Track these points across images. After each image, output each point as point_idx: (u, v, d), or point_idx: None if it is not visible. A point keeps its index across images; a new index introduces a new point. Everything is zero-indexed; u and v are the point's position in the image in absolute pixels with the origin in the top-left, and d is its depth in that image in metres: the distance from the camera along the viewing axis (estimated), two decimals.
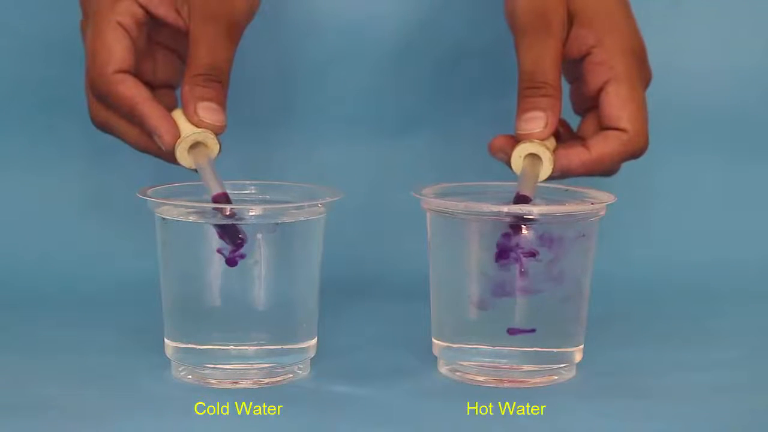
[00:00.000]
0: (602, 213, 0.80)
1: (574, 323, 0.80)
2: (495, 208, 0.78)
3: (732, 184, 1.07)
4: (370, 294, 1.00)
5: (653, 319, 0.95)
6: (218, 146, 0.81)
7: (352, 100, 1.05)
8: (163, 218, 0.79)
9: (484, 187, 0.85)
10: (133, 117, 0.81)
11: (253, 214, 0.77)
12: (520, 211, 0.78)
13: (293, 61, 1.04)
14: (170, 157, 0.81)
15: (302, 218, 0.79)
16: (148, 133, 0.81)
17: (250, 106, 1.03)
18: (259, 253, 0.78)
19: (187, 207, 0.79)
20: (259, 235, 0.78)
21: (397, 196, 0.93)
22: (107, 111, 0.83)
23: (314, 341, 0.81)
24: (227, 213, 0.77)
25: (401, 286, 1.00)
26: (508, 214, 0.77)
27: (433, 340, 0.82)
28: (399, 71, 1.05)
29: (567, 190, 0.84)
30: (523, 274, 0.78)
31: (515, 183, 0.81)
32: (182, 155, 0.80)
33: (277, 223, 0.78)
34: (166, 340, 0.81)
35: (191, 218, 0.78)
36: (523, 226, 0.77)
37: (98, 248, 1.03)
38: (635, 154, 0.84)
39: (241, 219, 0.77)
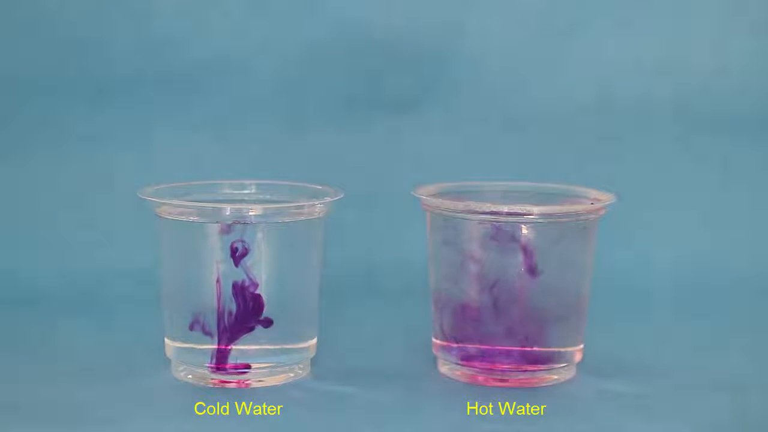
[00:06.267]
0: (602, 213, 0.80)
1: (573, 323, 0.80)
2: (495, 208, 0.78)
3: (732, 184, 1.07)
4: (370, 294, 1.00)
5: (653, 319, 0.95)
6: None
7: (351, 97, 1.05)
8: (163, 218, 0.79)
9: (484, 187, 0.85)
10: None
11: (253, 213, 0.77)
12: (520, 211, 0.78)
13: (292, 57, 1.04)
14: None
15: (302, 218, 0.79)
16: None
17: (249, 104, 1.03)
18: (259, 253, 0.78)
19: (187, 207, 0.79)
20: (260, 235, 0.78)
21: (397, 195, 0.93)
22: None
23: (314, 341, 0.81)
24: (228, 213, 0.77)
25: (401, 286, 1.00)
26: (508, 214, 0.78)
27: (433, 339, 0.82)
28: (399, 68, 1.05)
29: (567, 190, 0.84)
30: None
31: (515, 183, 0.82)
32: None
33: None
34: (166, 340, 0.81)
35: (191, 218, 0.78)
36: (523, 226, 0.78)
37: (98, 248, 1.03)
38: None
39: (242, 219, 0.77)
